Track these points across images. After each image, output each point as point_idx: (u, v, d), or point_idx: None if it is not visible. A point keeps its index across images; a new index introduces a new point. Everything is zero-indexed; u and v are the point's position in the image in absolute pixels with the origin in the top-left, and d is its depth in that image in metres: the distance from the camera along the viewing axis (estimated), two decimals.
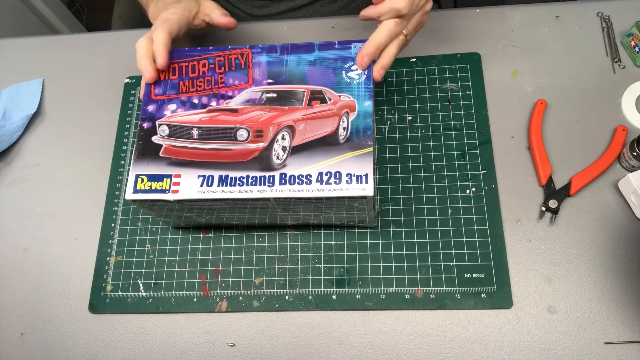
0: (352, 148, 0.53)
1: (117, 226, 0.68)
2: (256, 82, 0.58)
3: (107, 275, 0.66)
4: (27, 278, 0.67)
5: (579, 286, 0.59)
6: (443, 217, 0.63)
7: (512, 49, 0.71)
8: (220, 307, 0.62)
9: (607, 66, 0.68)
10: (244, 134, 0.55)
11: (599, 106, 0.66)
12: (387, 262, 0.62)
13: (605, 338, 0.56)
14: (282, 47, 0.59)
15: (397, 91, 0.70)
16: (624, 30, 0.69)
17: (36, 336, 0.64)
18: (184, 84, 0.59)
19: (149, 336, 0.63)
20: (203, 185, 0.54)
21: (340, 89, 0.56)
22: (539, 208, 0.62)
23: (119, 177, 0.71)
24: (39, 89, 0.78)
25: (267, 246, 0.64)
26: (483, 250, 0.61)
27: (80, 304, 0.65)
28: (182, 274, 0.64)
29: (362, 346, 0.59)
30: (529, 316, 0.58)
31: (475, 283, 0.59)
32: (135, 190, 0.55)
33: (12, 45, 0.84)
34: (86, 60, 0.80)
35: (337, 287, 0.61)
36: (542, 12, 0.73)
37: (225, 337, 0.61)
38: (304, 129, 0.55)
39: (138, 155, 0.56)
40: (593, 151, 0.64)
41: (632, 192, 0.59)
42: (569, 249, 0.60)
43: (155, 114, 0.58)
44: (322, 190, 0.52)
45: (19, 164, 0.74)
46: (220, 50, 0.60)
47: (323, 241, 0.64)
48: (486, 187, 0.64)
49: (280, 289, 0.62)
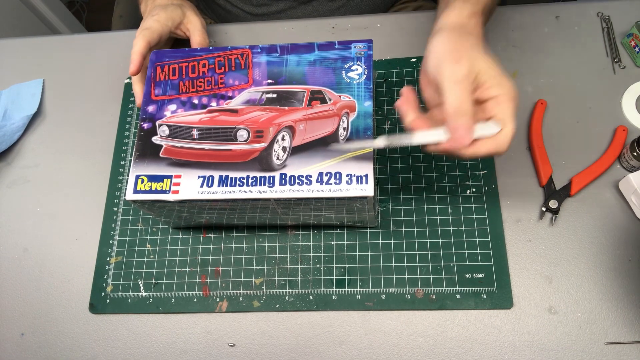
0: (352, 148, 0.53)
1: (118, 226, 0.68)
2: (256, 83, 0.58)
3: (107, 275, 0.66)
4: (28, 278, 0.67)
5: (580, 286, 0.59)
6: (443, 218, 0.63)
7: (512, 49, 0.71)
8: (221, 307, 0.62)
9: (607, 66, 0.68)
10: (244, 134, 0.55)
11: (599, 106, 0.66)
12: (387, 262, 0.62)
13: (606, 338, 0.56)
14: (282, 47, 0.59)
15: (397, 91, 0.70)
16: (624, 31, 0.69)
17: (36, 336, 0.64)
18: (184, 85, 0.59)
19: (149, 336, 0.63)
20: (203, 186, 0.54)
21: (340, 89, 0.56)
22: (539, 208, 0.62)
23: (119, 178, 0.71)
24: (39, 89, 0.78)
25: (268, 246, 0.64)
26: (483, 251, 0.61)
27: (80, 304, 0.65)
28: (183, 274, 0.64)
29: (363, 346, 0.59)
30: (530, 316, 0.58)
31: (475, 283, 0.59)
32: (136, 191, 0.55)
33: (12, 45, 0.84)
34: (86, 60, 0.80)
35: (337, 287, 0.61)
36: (542, 12, 0.73)
37: (226, 338, 0.61)
38: (304, 129, 0.55)
39: (138, 155, 0.56)
40: (593, 151, 0.64)
41: (633, 192, 0.59)
42: (570, 249, 0.60)
43: (155, 115, 0.58)
44: (322, 190, 0.52)
45: (19, 164, 0.74)
46: (220, 50, 0.60)
47: (323, 241, 0.64)
48: (486, 187, 0.63)
49: (281, 289, 0.62)
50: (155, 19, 0.67)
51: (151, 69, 0.60)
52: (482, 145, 0.47)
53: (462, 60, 0.46)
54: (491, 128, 0.47)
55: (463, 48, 0.48)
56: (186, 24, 0.70)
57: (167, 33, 0.68)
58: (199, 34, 0.69)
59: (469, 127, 0.46)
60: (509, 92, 0.47)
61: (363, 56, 0.57)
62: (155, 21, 0.67)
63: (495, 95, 0.47)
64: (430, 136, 0.48)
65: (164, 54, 0.61)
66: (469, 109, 0.46)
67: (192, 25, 0.69)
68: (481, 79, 0.47)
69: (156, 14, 0.67)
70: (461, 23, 0.51)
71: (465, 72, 0.46)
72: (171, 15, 0.68)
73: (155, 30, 0.66)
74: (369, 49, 0.58)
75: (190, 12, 0.70)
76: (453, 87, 0.46)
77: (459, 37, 0.49)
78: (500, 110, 0.47)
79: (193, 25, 0.69)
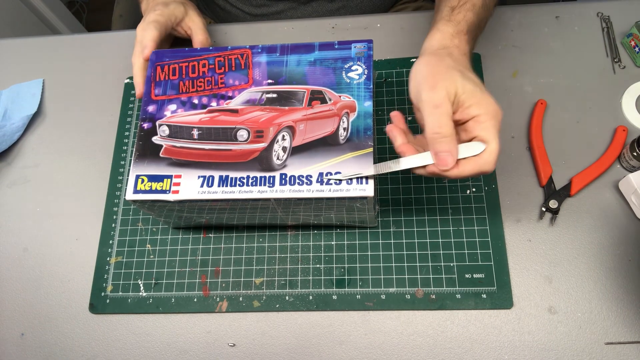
0: (353, 148, 0.53)
1: (118, 226, 0.68)
2: (256, 83, 0.58)
3: (107, 275, 0.66)
4: (28, 278, 0.67)
5: (580, 286, 0.59)
6: (443, 218, 0.63)
7: (512, 49, 0.71)
8: (221, 307, 0.62)
9: (607, 66, 0.68)
10: (244, 134, 0.55)
11: (599, 106, 0.66)
12: (387, 262, 0.62)
13: (606, 338, 0.56)
14: (282, 47, 0.59)
15: (397, 91, 0.70)
16: (624, 31, 0.69)
17: (36, 336, 0.64)
18: (184, 85, 0.59)
19: (149, 336, 0.63)
20: (203, 186, 0.54)
21: (341, 89, 0.56)
22: (539, 208, 0.62)
23: (119, 178, 0.71)
24: (39, 89, 0.78)
25: (268, 246, 0.64)
26: (483, 251, 0.61)
27: (80, 304, 0.65)
28: (183, 274, 0.64)
29: (363, 346, 0.59)
30: (530, 316, 0.58)
31: (475, 283, 0.59)
32: (136, 191, 0.55)
33: (12, 45, 0.84)
34: (86, 60, 0.80)
35: (337, 287, 0.61)
36: (542, 12, 0.73)
37: (226, 337, 0.61)
38: (304, 129, 0.55)
39: (138, 155, 0.56)
40: (593, 151, 0.64)
41: (633, 192, 0.59)
42: (570, 249, 0.60)
43: (155, 115, 0.58)
44: (322, 190, 0.52)
45: (20, 164, 0.74)
46: (220, 50, 0.60)
47: (323, 241, 0.64)
48: (486, 187, 0.63)
49: (281, 289, 0.62)
50: (159, 14, 0.67)
51: (151, 69, 0.60)
52: (467, 165, 0.47)
53: (438, 85, 0.47)
54: (474, 148, 0.47)
55: (439, 72, 0.48)
56: (188, 23, 0.69)
57: (169, 30, 0.68)
58: (202, 33, 0.69)
59: (450, 150, 0.46)
60: (488, 111, 0.47)
61: (363, 56, 0.57)
62: (160, 15, 0.66)
63: (475, 114, 0.47)
64: (416, 161, 0.49)
65: (164, 54, 0.61)
66: (448, 131, 0.46)
67: (194, 24, 0.69)
68: (460, 99, 0.47)
69: (159, 9, 0.67)
70: (442, 45, 0.52)
71: (442, 97, 0.46)
72: (174, 12, 0.68)
73: (162, 23, 0.66)
74: (369, 49, 0.58)
75: (192, 11, 0.70)
76: (432, 112, 0.46)
77: (437, 61, 0.49)
78: (481, 129, 0.47)
79: (195, 24, 0.69)
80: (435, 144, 0.47)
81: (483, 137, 0.47)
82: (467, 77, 0.48)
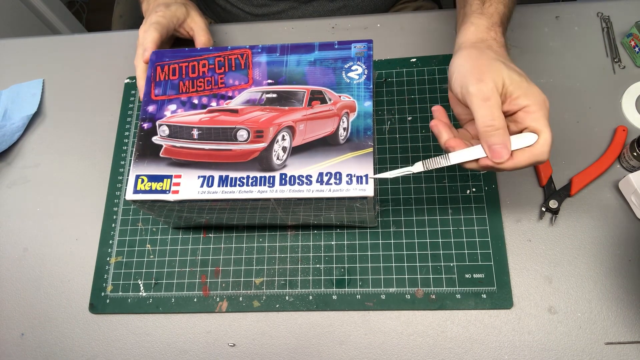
0: (352, 148, 0.53)
1: (118, 226, 0.68)
2: (256, 83, 0.58)
3: (107, 275, 0.66)
4: (28, 278, 0.67)
5: (580, 286, 0.59)
6: (443, 217, 0.63)
7: (512, 49, 0.71)
8: (221, 307, 0.62)
9: (607, 66, 0.68)
10: (244, 134, 0.55)
11: (599, 106, 0.66)
12: (387, 262, 0.62)
13: (606, 338, 0.56)
14: (282, 47, 0.59)
15: (397, 91, 0.70)
16: (624, 31, 0.69)
17: (36, 336, 0.64)
18: (184, 84, 0.59)
19: (149, 336, 0.63)
20: (203, 186, 0.54)
21: (340, 89, 0.56)
22: (539, 208, 0.62)
23: (119, 178, 0.71)
24: (39, 89, 0.78)
25: (268, 246, 0.64)
26: (483, 251, 0.61)
27: (80, 304, 0.65)
28: (183, 274, 0.64)
29: (363, 346, 0.59)
30: (530, 316, 0.58)
31: (475, 283, 0.59)
32: (136, 191, 0.55)
33: (12, 45, 0.84)
34: (86, 60, 0.80)
35: (337, 287, 0.61)
36: (542, 12, 0.73)
37: (226, 337, 0.61)
38: (304, 129, 0.55)
39: (138, 155, 0.56)
40: (593, 151, 0.64)
41: (633, 192, 0.59)
42: (569, 249, 0.60)
43: (155, 115, 0.58)
44: (322, 190, 0.52)
45: (19, 164, 0.74)
46: (220, 50, 0.60)
47: (323, 241, 0.64)
48: (486, 187, 0.63)
49: (281, 289, 0.62)
50: (161, 15, 0.67)
51: (151, 69, 0.60)
52: (522, 156, 0.47)
53: (485, 78, 0.46)
54: (527, 138, 0.47)
55: (484, 64, 0.47)
56: (189, 24, 0.69)
57: (171, 31, 0.68)
58: (204, 34, 0.69)
59: (504, 142, 0.46)
60: (537, 101, 0.47)
61: (363, 56, 0.57)
62: (161, 17, 0.66)
63: (524, 105, 0.47)
64: (467, 155, 0.48)
65: (164, 54, 0.61)
66: (501, 123, 0.46)
67: (196, 24, 0.69)
68: (508, 90, 0.47)
69: (160, 11, 0.67)
70: (480, 38, 0.51)
71: (491, 88, 0.46)
72: (175, 13, 0.68)
73: (164, 25, 0.66)
74: (369, 49, 0.58)
75: (194, 12, 0.70)
76: (482, 105, 0.46)
77: (478, 54, 0.49)
78: (531, 119, 0.46)
79: (197, 25, 0.69)
80: (489, 137, 0.46)
81: (534, 128, 0.46)
82: (511, 67, 0.48)
